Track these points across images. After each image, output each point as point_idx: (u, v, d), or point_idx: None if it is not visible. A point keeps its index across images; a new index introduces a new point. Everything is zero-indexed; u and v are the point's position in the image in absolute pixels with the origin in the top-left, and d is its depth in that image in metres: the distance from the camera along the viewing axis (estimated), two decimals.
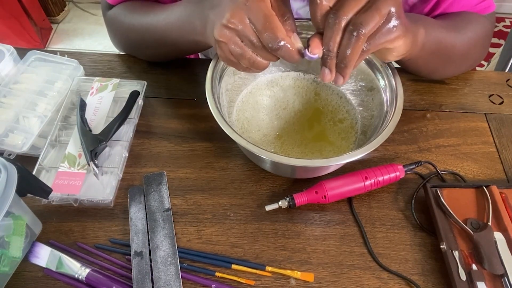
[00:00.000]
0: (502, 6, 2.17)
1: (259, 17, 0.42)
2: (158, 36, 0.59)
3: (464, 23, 0.60)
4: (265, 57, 0.45)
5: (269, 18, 0.42)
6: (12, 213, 0.46)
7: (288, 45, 0.42)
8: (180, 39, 0.56)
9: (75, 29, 2.06)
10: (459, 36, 0.59)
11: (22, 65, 0.63)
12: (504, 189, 0.53)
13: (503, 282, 0.46)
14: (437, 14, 0.62)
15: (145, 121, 0.62)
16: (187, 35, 0.54)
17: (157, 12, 0.59)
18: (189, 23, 0.52)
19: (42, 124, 0.57)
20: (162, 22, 0.57)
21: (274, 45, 0.42)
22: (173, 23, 0.55)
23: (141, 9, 0.62)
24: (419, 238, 0.52)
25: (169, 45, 0.60)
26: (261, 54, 0.44)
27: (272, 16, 0.42)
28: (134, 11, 0.62)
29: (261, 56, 0.45)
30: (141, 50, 0.67)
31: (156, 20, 0.58)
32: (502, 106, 0.65)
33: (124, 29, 0.64)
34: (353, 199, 0.54)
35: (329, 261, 0.50)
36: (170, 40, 0.58)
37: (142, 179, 0.56)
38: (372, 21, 0.40)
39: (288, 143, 0.57)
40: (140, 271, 0.48)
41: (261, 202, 0.54)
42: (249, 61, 0.45)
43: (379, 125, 0.52)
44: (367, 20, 0.40)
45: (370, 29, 0.40)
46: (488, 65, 1.36)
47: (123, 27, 0.64)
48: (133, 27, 0.62)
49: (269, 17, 0.42)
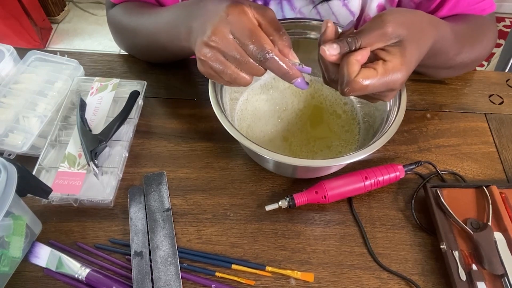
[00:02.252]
0: (502, 6, 2.17)
1: (243, 30, 0.42)
2: (150, 39, 0.59)
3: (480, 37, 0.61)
4: (251, 71, 0.44)
5: (253, 31, 0.42)
6: (12, 213, 0.46)
7: (276, 57, 0.42)
8: (168, 44, 0.56)
9: (75, 29, 2.06)
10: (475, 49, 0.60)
11: (22, 65, 0.63)
12: (504, 189, 0.53)
13: (503, 282, 0.46)
14: (444, 12, 0.62)
15: (145, 121, 0.62)
16: (174, 40, 0.54)
17: (151, 14, 0.59)
18: (176, 28, 0.52)
19: (42, 124, 0.57)
20: (153, 25, 0.58)
21: (262, 56, 0.42)
22: (162, 27, 0.55)
23: (138, 10, 0.62)
24: (419, 238, 0.52)
25: (160, 48, 0.60)
26: (245, 69, 0.44)
27: (256, 29, 0.42)
28: (131, 12, 0.62)
29: (245, 71, 0.44)
30: (137, 51, 0.67)
31: (149, 22, 0.58)
32: (502, 106, 0.65)
33: (121, 29, 0.64)
34: (353, 199, 0.54)
35: (329, 261, 0.50)
36: (161, 44, 0.58)
37: (142, 179, 0.56)
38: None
39: (296, 144, 0.57)
40: (140, 271, 0.48)
41: (261, 202, 0.54)
42: (231, 77, 0.44)
43: (382, 118, 0.52)
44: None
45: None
46: (488, 65, 1.36)
47: (121, 27, 0.64)
48: (129, 27, 0.62)
49: (253, 29, 0.42)
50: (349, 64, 0.42)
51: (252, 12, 0.43)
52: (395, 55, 0.42)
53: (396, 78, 0.42)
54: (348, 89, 0.42)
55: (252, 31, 0.42)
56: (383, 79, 0.42)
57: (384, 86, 0.43)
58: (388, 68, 0.42)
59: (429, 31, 0.47)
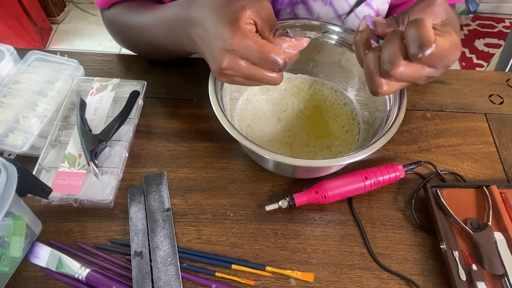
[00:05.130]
0: (502, 6, 2.17)
1: (252, 54, 0.42)
2: (150, 37, 0.59)
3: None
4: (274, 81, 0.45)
5: (262, 51, 0.42)
6: (12, 213, 0.46)
7: (287, 59, 0.43)
8: (172, 48, 0.56)
9: (75, 29, 2.06)
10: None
11: (22, 65, 0.63)
12: (504, 189, 0.53)
13: (503, 282, 0.46)
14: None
15: (145, 121, 0.62)
16: (177, 46, 0.54)
17: (147, 10, 0.58)
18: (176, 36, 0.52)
19: (42, 124, 0.57)
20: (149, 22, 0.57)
21: (278, 68, 0.43)
22: (157, 24, 0.55)
23: (135, 9, 0.61)
24: (419, 238, 0.52)
25: (163, 50, 0.60)
26: (266, 82, 0.45)
27: (263, 47, 0.42)
28: (129, 11, 0.62)
29: (267, 82, 0.45)
30: (137, 49, 0.67)
31: (146, 19, 0.58)
32: (502, 106, 0.65)
33: (120, 28, 0.64)
34: (353, 199, 0.54)
35: (329, 261, 0.50)
36: (164, 47, 0.58)
37: (142, 179, 0.56)
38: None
39: (296, 144, 0.57)
40: (140, 271, 0.48)
41: (261, 202, 0.54)
42: (257, 84, 0.46)
43: (382, 118, 0.52)
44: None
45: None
46: (488, 65, 1.36)
47: (119, 27, 0.64)
48: (128, 25, 0.62)
49: (261, 51, 0.42)
50: (425, 28, 0.37)
51: (249, 15, 0.43)
52: (450, 32, 0.41)
53: (457, 52, 0.41)
54: (427, 54, 0.38)
55: (260, 52, 0.42)
56: (452, 49, 0.40)
57: (450, 58, 0.41)
58: (453, 40, 0.40)
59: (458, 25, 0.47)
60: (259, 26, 0.44)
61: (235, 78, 0.45)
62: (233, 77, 0.45)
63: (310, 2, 0.61)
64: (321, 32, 0.58)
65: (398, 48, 0.39)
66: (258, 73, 0.43)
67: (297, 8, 0.62)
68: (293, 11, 0.63)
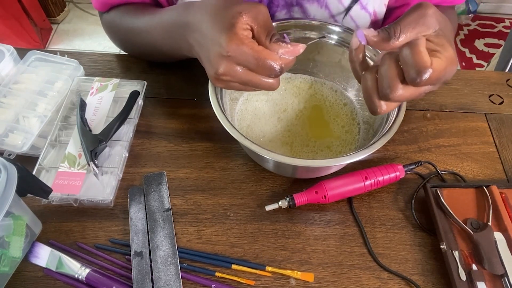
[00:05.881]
0: (502, 6, 2.17)
1: (248, 60, 0.42)
2: (149, 40, 0.59)
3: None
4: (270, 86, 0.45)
5: (258, 57, 0.41)
6: (12, 213, 0.46)
7: (283, 65, 0.43)
8: (169, 52, 0.56)
9: (75, 29, 2.06)
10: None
11: (22, 65, 0.63)
12: (504, 189, 0.53)
13: (503, 282, 0.46)
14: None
15: (145, 121, 0.62)
16: (175, 50, 0.54)
17: (146, 14, 0.59)
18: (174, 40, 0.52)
19: (42, 124, 0.57)
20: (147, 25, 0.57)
21: (274, 74, 0.43)
22: (155, 28, 0.55)
23: (134, 13, 0.62)
24: (419, 238, 0.52)
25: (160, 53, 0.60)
26: (262, 87, 0.45)
27: (259, 53, 0.42)
28: (128, 15, 0.62)
29: (264, 88, 0.45)
30: (136, 52, 0.68)
31: (145, 23, 0.58)
32: (502, 106, 0.65)
33: (119, 31, 0.64)
34: (353, 199, 0.54)
35: (329, 261, 0.50)
36: (162, 51, 0.58)
37: (142, 179, 0.56)
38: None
39: (296, 144, 0.57)
40: (140, 271, 0.48)
41: (261, 202, 0.54)
42: (254, 89, 0.46)
43: (382, 118, 0.52)
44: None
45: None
46: (488, 65, 1.36)
47: (118, 30, 0.64)
48: (127, 28, 0.62)
49: (257, 57, 0.42)
50: (420, 53, 0.38)
51: (246, 21, 0.43)
52: (444, 46, 0.41)
53: (454, 67, 0.41)
54: (425, 79, 0.38)
55: (256, 58, 0.42)
56: (448, 67, 0.40)
57: (447, 76, 0.41)
58: (448, 56, 0.40)
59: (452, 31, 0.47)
60: (256, 31, 0.44)
61: (232, 84, 0.45)
62: (229, 83, 0.44)
63: (306, 4, 0.61)
64: (318, 37, 0.58)
65: (395, 73, 0.40)
66: (255, 79, 0.43)
67: (293, 10, 0.62)
68: (288, 14, 0.63)
